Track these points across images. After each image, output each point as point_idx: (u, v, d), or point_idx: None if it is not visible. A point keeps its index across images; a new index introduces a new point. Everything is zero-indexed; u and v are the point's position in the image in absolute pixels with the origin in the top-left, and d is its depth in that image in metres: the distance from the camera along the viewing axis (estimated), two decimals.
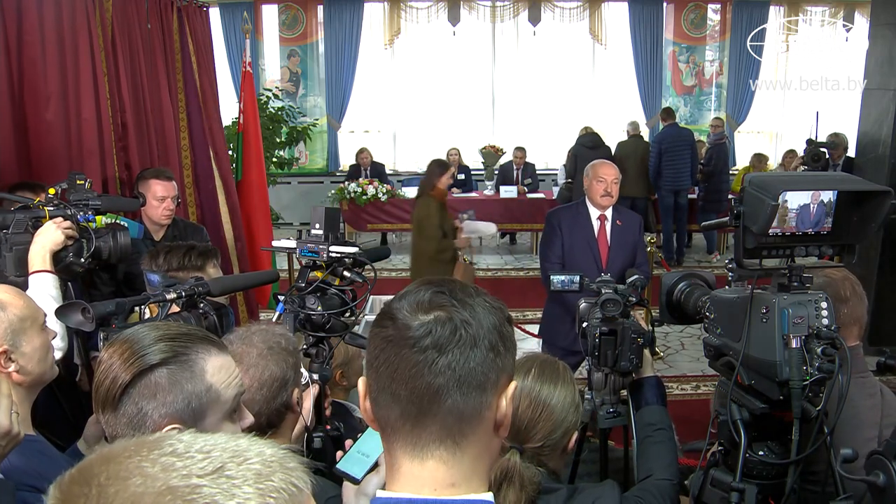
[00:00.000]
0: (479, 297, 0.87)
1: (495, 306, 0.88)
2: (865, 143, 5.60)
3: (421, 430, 0.83)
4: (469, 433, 0.84)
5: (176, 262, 2.24)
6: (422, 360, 0.81)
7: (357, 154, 9.33)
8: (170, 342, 1.17)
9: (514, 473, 1.37)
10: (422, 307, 0.84)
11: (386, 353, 0.84)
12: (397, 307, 0.85)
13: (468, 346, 0.82)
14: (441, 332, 0.82)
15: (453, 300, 0.84)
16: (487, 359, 0.83)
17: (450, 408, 0.82)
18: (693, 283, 1.86)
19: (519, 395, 1.49)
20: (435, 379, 0.81)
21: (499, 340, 0.85)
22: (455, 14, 10.58)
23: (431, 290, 0.85)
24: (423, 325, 0.82)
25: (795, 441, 1.44)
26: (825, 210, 1.42)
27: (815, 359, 1.41)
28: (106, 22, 3.49)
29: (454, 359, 0.81)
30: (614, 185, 3.52)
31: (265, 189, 5.21)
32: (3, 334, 1.49)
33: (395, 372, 0.82)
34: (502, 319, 0.87)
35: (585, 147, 7.78)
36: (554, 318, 3.63)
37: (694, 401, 4.71)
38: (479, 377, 0.83)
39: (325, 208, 1.86)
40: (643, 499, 1.58)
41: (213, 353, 1.20)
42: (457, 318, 0.83)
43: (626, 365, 2.08)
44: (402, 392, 0.82)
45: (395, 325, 0.84)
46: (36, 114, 3.05)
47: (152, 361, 1.14)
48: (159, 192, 3.15)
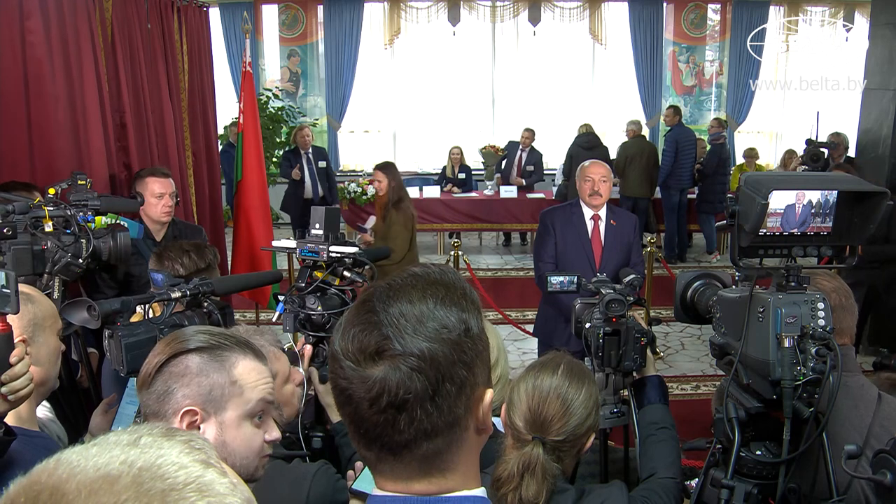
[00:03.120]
0: (431, 322, 0.77)
1: (447, 324, 0.78)
2: (865, 143, 5.60)
3: (401, 469, 0.81)
4: (450, 459, 0.81)
5: (186, 260, 2.25)
6: (384, 421, 0.77)
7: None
8: (210, 336, 1.24)
9: (537, 465, 1.38)
10: (368, 355, 0.77)
11: (347, 408, 0.80)
12: (343, 349, 0.79)
13: (427, 399, 0.76)
14: (395, 390, 0.75)
15: (400, 340, 0.76)
16: (451, 397, 0.78)
17: (425, 451, 0.79)
18: (708, 282, 1.86)
19: (548, 390, 1.51)
20: (401, 436, 0.77)
21: (461, 367, 0.78)
22: (455, 14, 10.58)
23: (376, 330, 0.77)
24: (375, 383, 0.76)
25: (786, 441, 1.44)
26: (813, 210, 1.43)
27: (810, 359, 1.41)
28: (106, 22, 3.50)
29: (415, 415, 0.76)
30: (602, 183, 3.48)
31: (265, 189, 5.21)
32: (26, 324, 1.53)
33: (360, 427, 0.79)
34: (459, 338, 0.78)
35: (582, 147, 7.78)
36: (549, 318, 3.63)
37: (694, 401, 4.71)
38: (447, 419, 0.78)
39: (324, 208, 1.86)
40: (649, 499, 1.59)
41: (248, 356, 1.25)
42: (406, 367, 0.75)
43: (630, 365, 2.08)
44: (373, 445, 0.80)
45: (347, 378, 0.78)
46: (45, 114, 3.06)
47: (189, 346, 1.21)
48: (157, 189, 3.15)
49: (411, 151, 11.03)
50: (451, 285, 0.82)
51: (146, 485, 0.56)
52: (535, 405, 1.51)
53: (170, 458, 0.59)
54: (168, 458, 0.59)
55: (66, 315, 1.64)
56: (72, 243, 2.32)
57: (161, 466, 0.58)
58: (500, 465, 1.43)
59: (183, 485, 0.57)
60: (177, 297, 1.73)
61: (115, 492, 0.55)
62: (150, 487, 0.56)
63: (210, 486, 0.59)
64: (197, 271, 2.19)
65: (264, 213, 5.11)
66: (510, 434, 1.52)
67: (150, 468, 0.57)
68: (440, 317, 0.78)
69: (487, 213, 8.51)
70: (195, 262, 2.25)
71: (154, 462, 0.58)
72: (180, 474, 0.58)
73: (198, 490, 0.58)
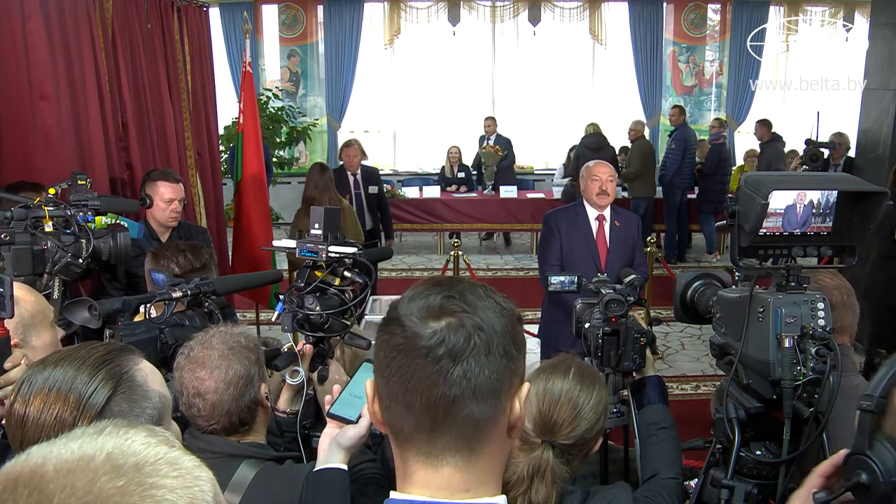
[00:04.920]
0: (490, 300, 0.84)
1: (506, 308, 0.85)
2: (865, 143, 5.61)
3: (436, 440, 0.81)
4: (484, 439, 0.82)
5: (181, 259, 2.26)
6: (436, 371, 0.78)
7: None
8: (104, 367, 1.08)
9: (547, 468, 1.38)
10: (432, 313, 0.81)
11: (398, 361, 0.81)
12: (405, 312, 0.82)
13: (482, 354, 0.79)
14: (454, 340, 0.79)
15: (464, 304, 0.81)
16: (501, 364, 0.81)
17: (465, 417, 0.80)
18: (708, 282, 1.86)
19: (559, 394, 1.51)
20: (450, 389, 0.79)
21: (511, 345, 0.83)
22: (455, 14, 10.58)
23: (441, 294, 0.82)
24: (436, 332, 0.79)
25: (786, 441, 1.45)
26: (814, 210, 1.43)
27: (810, 359, 1.41)
28: (106, 22, 3.51)
29: (469, 367, 0.79)
30: (609, 182, 3.50)
31: (265, 189, 5.21)
32: (15, 328, 1.52)
33: (408, 382, 0.80)
34: (513, 321, 0.85)
35: (588, 149, 7.75)
36: (552, 319, 3.62)
37: (694, 401, 4.71)
38: (494, 384, 0.81)
39: (324, 208, 1.86)
40: (653, 500, 1.60)
41: (134, 357, 1.15)
42: (469, 323, 0.80)
43: (630, 365, 2.08)
44: (416, 402, 0.80)
45: (405, 333, 0.80)
46: (46, 115, 3.06)
47: (103, 400, 1.05)
48: (167, 195, 3.17)
49: (411, 151, 11.03)
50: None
51: (120, 460, 0.60)
52: (545, 408, 1.51)
53: (138, 440, 0.63)
54: (136, 440, 0.63)
55: (67, 315, 1.65)
56: (72, 243, 2.32)
57: (131, 446, 0.62)
58: (509, 469, 1.42)
59: (154, 459, 0.61)
60: (178, 296, 1.73)
61: (92, 469, 0.58)
62: (125, 462, 0.60)
63: (179, 460, 0.63)
64: (192, 270, 2.20)
65: (264, 213, 5.11)
66: (518, 436, 1.52)
67: (121, 447, 0.61)
68: (500, 300, 0.85)
69: (487, 213, 8.52)
70: (190, 262, 2.25)
71: (123, 443, 0.62)
72: (150, 451, 0.62)
73: (168, 463, 0.62)
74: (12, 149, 2.99)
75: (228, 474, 1.45)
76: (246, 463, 1.48)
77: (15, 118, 2.99)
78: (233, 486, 1.43)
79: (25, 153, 3.03)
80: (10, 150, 2.99)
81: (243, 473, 1.45)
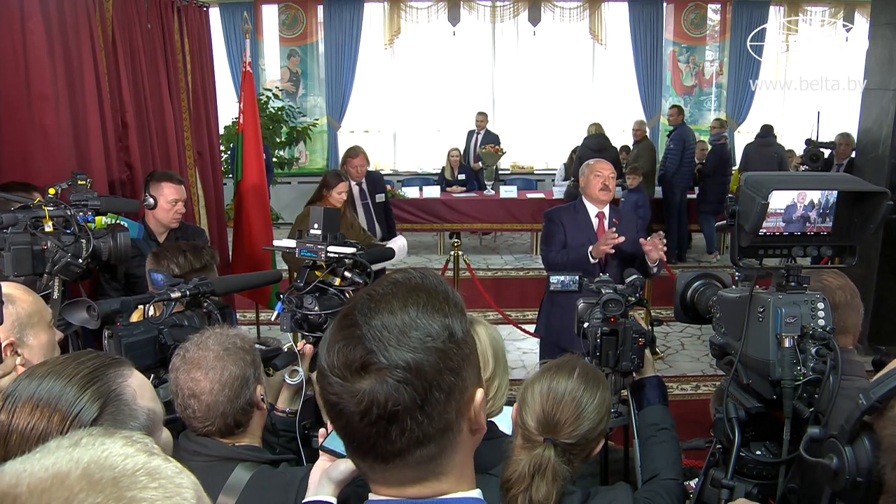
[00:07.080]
0: (415, 331, 0.77)
1: (432, 331, 0.77)
2: (865, 143, 5.60)
3: (395, 475, 0.81)
4: (444, 461, 0.81)
5: (181, 260, 2.26)
6: (375, 433, 0.77)
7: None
8: (92, 385, 1.06)
9: (548, 467, 1.38)
10: (354, 369, 0.76)
11: (339, 421, 0.79)
12: (329, 364, 0.78)
13: (416, 407, 0.76)
14: (383, 402, 0.75)
15: (384, 353, 0.75)
16: (441, 404, 0.77)
17: (418, 458, 0.79)
18: (708, 282, 1.86)
19: (563, 393, 1.51)
20: (393, 446, 0.77)
21: (449, 374, 0.77)
22: (455, 14, 10.58)
23: (360, 343, 0.76)
24: (364, 396, 0.75)
25: (786, 441, 1.45)
26: (815, 210, 1.43)
27: (810, 359, 1.41)
28: (106, 22, 3.50)
29: (406, 425, 0.76)
30: (611, 179, 3.59)
31: (265, 189, 5.21)
32: (11, 327, 1.52)
33: (352, 440, 0.79)
34: (445, 342, 0.78)
35: (590, 150, 7.74)
36: (551, 317, 3.63)
37: (694, 401, 4.70)
38: (438, 425, 0.78)
39: (324, 208, 1.86)
40: (653, 500, 1.60)
41: (124, 371, 1.12)
42: (393, 379, 0.75)
43: (628, 365, 2.08)
44: (366, 455, 0.80)
45: (334, 391, 0.77)
46: (46, 114, 3.06)
47: (91, 418, 1.03)
48: (171, 196, 3.18)
49: (411, 151, 11.03)
50: (432, 290, 0.81)
51: (96, 475, 0.57)
52: (549, 407, 1.51)
53: (115, 451, 0.60)
54: (113, 451, 0.60)
55: (66, 315, 1.65)
56: (72, 243, 2.32)
57: (108, 458, 0.59)
58: (510, 467, 1.43)
59: (132, 471, 0.59)
60: (176, 297, 1.73)
61: (68, 486, 0.56)
62: (101, 477, 0.57)
63: (159, 470, 0.60)
64: (192, 271, 2.19)
65: (264, 213, 5.11)
66: (520, 434, 1.52)
67: (98, 461, 0.59)
68: (423, 325, 0.77)
69: (488, 213, 8.51)
70: (190, 262, 2.25)
71: (100, 455, 0.59)
72: (128, 462, 0.59)
73: (148, 474, 0.59)
74: (11, 149, 2.98)
75: (224, 477, 1.44)
76: (241, 466, 1.47)
77: (13, 118, 2.99)
78: (227, 490, 1.43)
79: (24, 153, 3.03)
80: (9, 150, 2.98)
81: (238, 476, 1.45)
